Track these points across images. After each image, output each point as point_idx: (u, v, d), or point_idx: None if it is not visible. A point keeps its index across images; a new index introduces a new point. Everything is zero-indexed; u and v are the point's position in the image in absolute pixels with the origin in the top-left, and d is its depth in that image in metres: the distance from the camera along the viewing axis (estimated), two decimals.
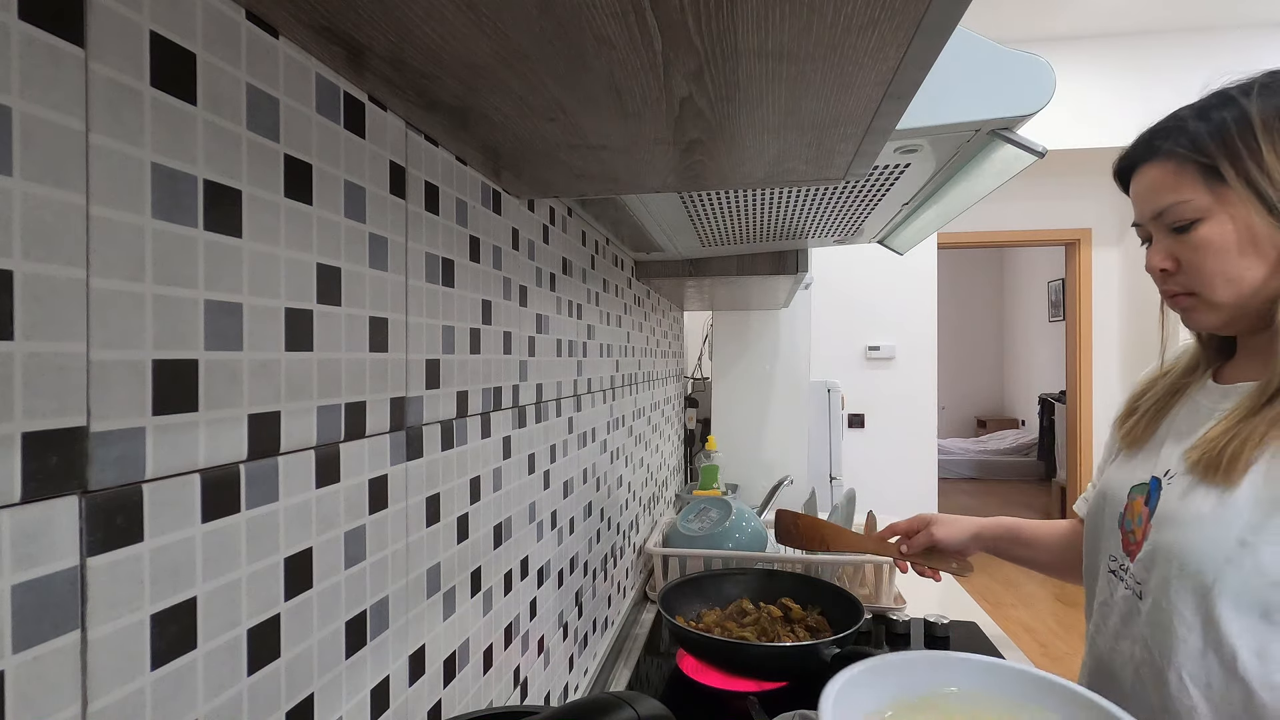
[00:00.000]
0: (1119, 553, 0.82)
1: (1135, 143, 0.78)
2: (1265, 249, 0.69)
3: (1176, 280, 0.75)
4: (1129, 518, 0.81)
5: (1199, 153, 0.70)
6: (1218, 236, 0.70)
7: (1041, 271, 7.07)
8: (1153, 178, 0.75)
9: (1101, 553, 0.86)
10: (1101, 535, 0.86)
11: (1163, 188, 0.73)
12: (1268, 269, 0.69)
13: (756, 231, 1.14)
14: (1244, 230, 0.69)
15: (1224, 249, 0.70)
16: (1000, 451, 7.21)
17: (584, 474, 1.04)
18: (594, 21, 0.35)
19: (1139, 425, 0.84)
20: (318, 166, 0.42)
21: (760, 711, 0.86)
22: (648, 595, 1.49)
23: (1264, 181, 0.67)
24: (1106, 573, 0.84)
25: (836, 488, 2.37)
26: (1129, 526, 0.81)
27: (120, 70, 0.29)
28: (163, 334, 0.31)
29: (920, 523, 1.09)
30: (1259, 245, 0.69)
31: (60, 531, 0.27)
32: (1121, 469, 0.85)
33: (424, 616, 0.55)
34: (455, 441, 0.60)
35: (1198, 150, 0.70)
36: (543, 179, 0.66)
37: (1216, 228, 0.70)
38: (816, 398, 2.35)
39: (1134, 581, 0.78)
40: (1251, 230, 0.69)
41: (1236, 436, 0.69)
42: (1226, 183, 0.69)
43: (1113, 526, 0.84)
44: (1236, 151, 0.68)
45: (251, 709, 0.37)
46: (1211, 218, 0.70)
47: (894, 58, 0.39)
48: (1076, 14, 3.20)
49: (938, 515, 1.09)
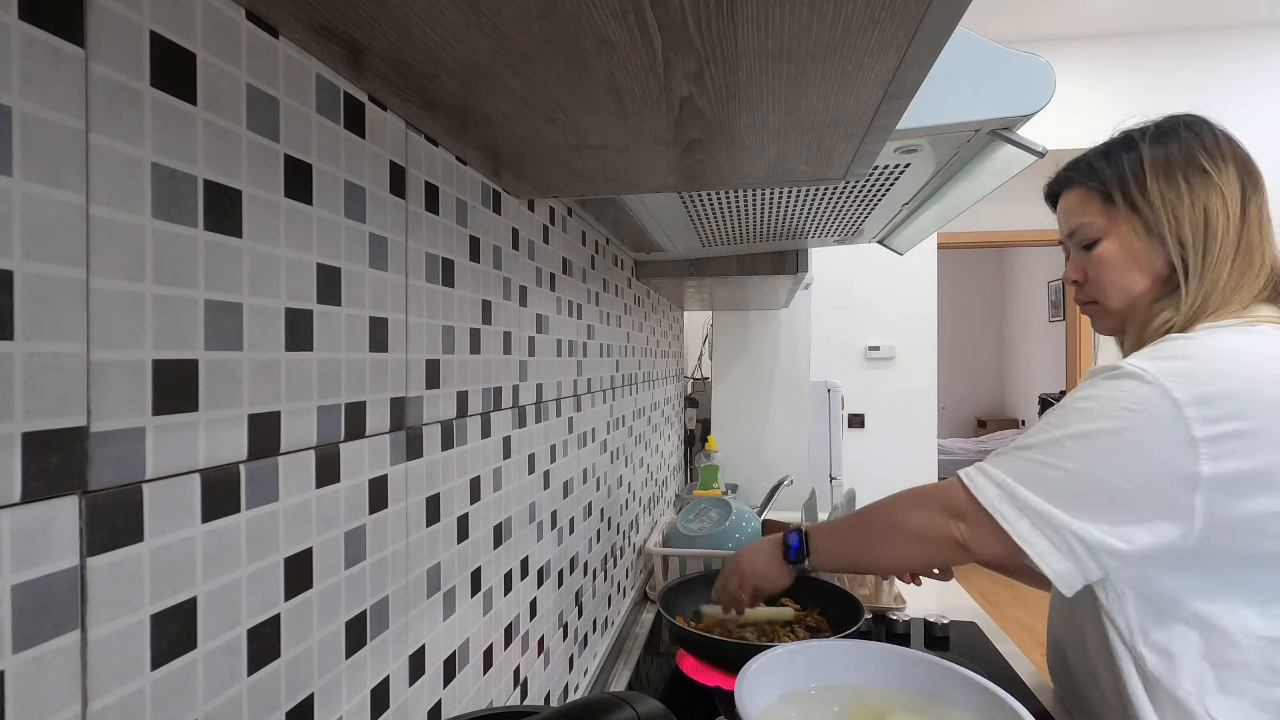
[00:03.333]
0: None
1: (1056, 174, 0.93)
2: (1145, 265, 0.82)
3: (1084, 291, 0.89)
4: None
5: (1099, 182, 0.85)
6: (1109, 253, 0.84)
7: (1041, 271, 7.07)
8: (1067, 203, 0.89)
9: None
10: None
11: (1074, 211, 0.88)
12: (1149, 282, 0.82)
13: (756, 231, 1.14)
14: (1128, 247, 0.83)
15: (1115, 263, 0.84)
16: None
17: (584, 474, 1.04)
18: (594, 22, 0.35)
19: None
20: (318, 166, 0.42)
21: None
22: (648, 595, 1.49)
23: (1145, 206, 0.81)
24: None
25: (836, 488, 2.37)
26: None
27: (120, 70, 0.29)
28: (163, 334, 0.31)
29: None
30: (1140, 261, 0.82)
31: (60, 531, 0.27)
32: None
33: (424, 616, 0.55)
34: (455, 441, 0.60)
35: (1098, 180, 0.85)
36: (543, 179, 0.66)
37: (1110, 245, 0.84)
38: (816, 398, 2.35)
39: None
40: (1134, 247, 0.82)
41: None
42: (1116, 206, 0.83)
43: None
44: (1126, 181, 0.82)
45: (251, 709, 0.37)
46: (1107, 237, 0.84)
47: (894, 58, 0.39)
48: (1076, 14, 3.20)
49: None
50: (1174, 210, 0.79)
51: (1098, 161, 0.86)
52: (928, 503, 0.83)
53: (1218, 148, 0.80)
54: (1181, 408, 0.69)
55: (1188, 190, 0.79)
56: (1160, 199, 0.80)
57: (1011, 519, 0.74)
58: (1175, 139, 0.81)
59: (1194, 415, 0.68)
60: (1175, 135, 0.82)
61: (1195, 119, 0.83)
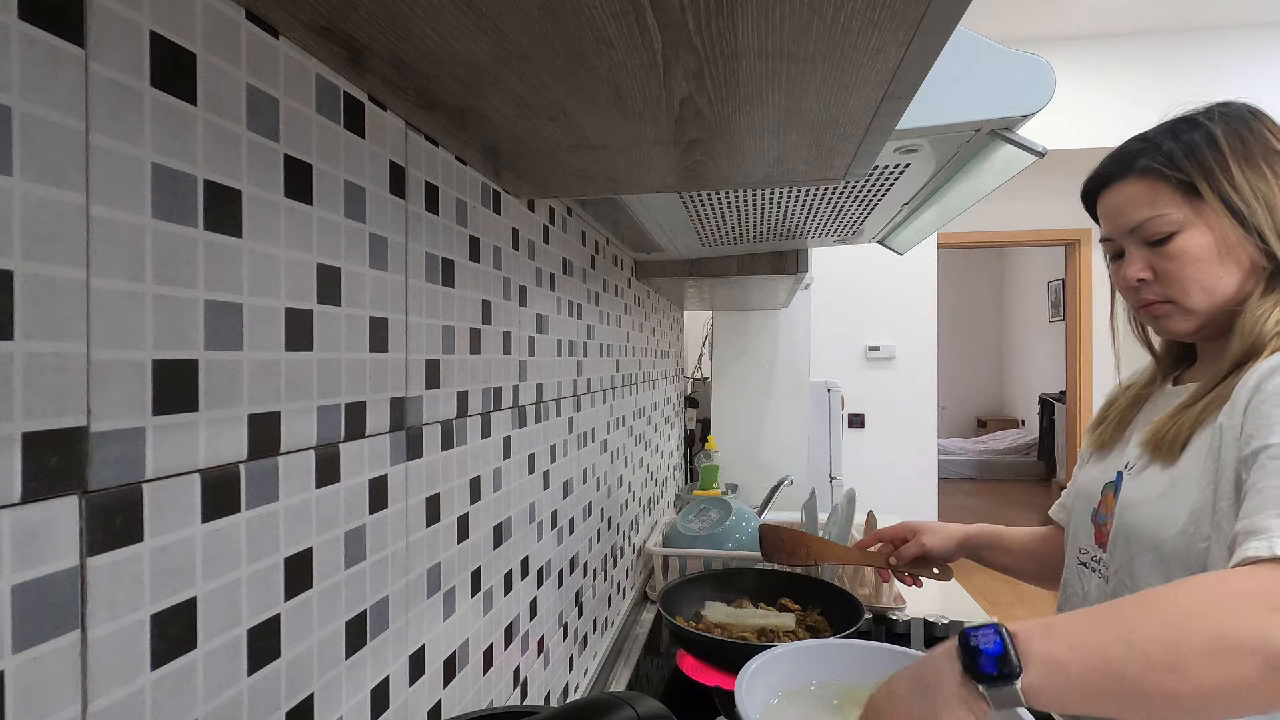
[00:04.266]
0: (1091, 545, 0.86)
1: (1106, 162, 0.83)
2: (1238, 258, 0.74)
3: (1153, 289, 0.79)
4: (1101, 512, 0.86)
5: (1175, 169, 0.75)
6: (1195, 247, 0.75)
7: (1041, 271, 7.07)
8: (1128, 194, 0.79)
9: (1074, 549, 0.90)
10: (1077, 533, 0.90)
11: (1139, 202, 0.78)
12: (1240, 276, 0.74)
13: (756, 231, 1.14)
14: (1220, 241, 0.74)
15: (1201, 258, 0.75)
16: (1000, 452, 7.20)
17: (584, 474, 1.04)
18: (594, 22, 0.35)
19: (1108, 430, 0.90)
20: (318, 166, 0.42)
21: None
22: (648, 595, 1.49)
23: (1235, 196, 0.73)
24: (1078, 565, 0.88)
25: (836, 488, 2.37)
26: (1101, 520, 0.85)
27: (120, 70, 0.29)
28: (163, 334, 0.31)
29: (906, 530, 1.08)
30: (1233, 254, 0.74)
31: (60, 531, 0.27)
32: (1094, 469, 0.90)
33: (424, 616, 0.55)
34: (455, 441, 0.60)
35: (1173, 167, 0.75)
36: (543, 179, 0.66)
37: (1194, 239, 0.75)
38: (816, 398, 2.35)
39: (1104, 569, 0.82)
40: (1226, 241, 0.74)
41: (1179, 420, 0.75)
42: (1202, 197, 0.74)
43: (1086, 523, 0.88)
44: (1209, 168, 0.74)
45: (251, 709, 0.37)
46: (1188, 229, 0.75)
47: (894, 58, 0.39)
48: (1076, 14, 3.20)
49: (924, 524, 1.09)
50: (1266, 200, 0.73)
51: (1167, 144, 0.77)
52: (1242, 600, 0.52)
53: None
54: None
55: (1274, 177, 0.73)
56: (1250, 189, 0.73)
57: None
58: (1245, 125, 0.75)
59: None
60: (1244, 122, 0.76)
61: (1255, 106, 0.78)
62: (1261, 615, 0.50)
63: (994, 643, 0.54)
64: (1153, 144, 0.78)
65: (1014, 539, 1.07)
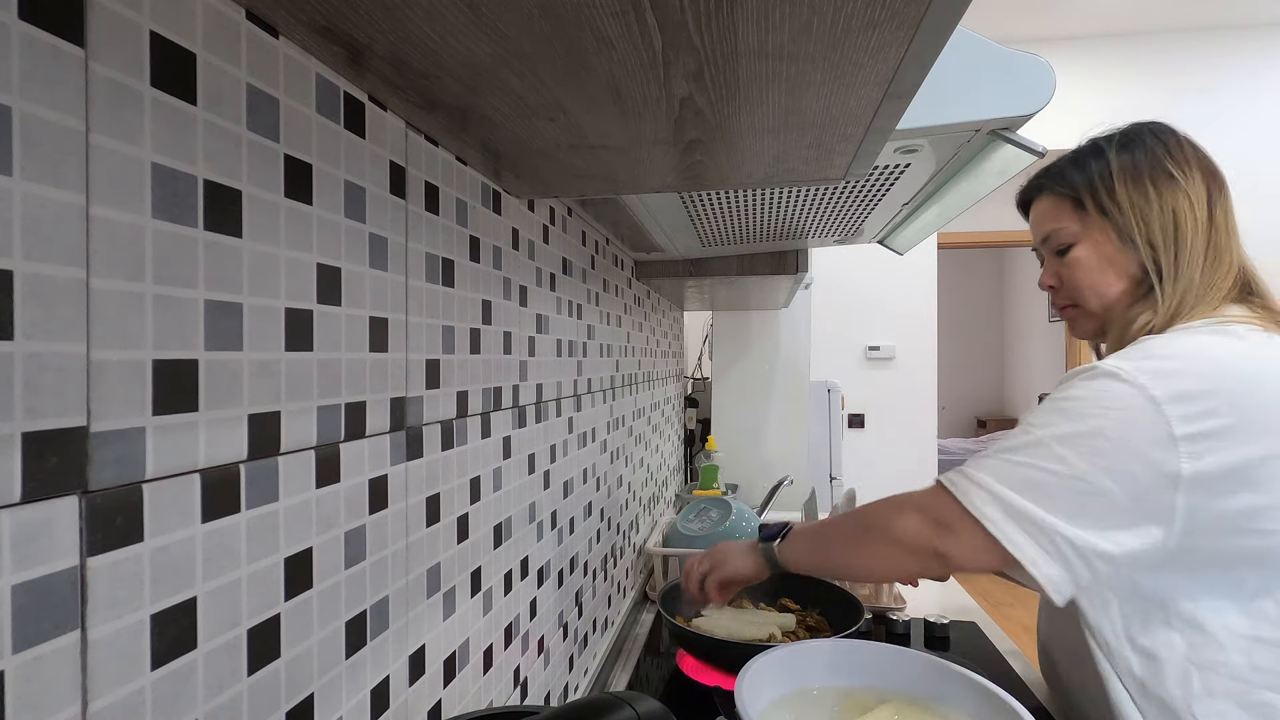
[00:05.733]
0: None
1: (1028, 182, 0.94)
2: (1120, 268, 0.83)
3: (1061, 295, 0.90)
4: None
5: (1070, 188, 0.87)
6: (1084, 257, 0.85)
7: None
8: (1039, 209, 0.91)
9: None
10: None
11: (1046, 217, 0.89)
12: (1125, 284, 0.83)
13: (756, 231, 1.14)
14: (1103, 251, 0.84)
15: (1090, 267, 0.85)
16: None
17: (584, 474, 1.04)
18: (594, 21, 0.35)
19: None
20: (318, 166, 0.42)
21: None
22: (648, 595, 1.49)
23: (1115, 211, 0.83)
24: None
25: (836, 488, 2.37)
26: None
27: (120, 70, 0.29)
28: (163, 334, 0.31)
29: None
30: (1114, 264, 0.84)
31: (60, 531, 0.27)
32: None
33: (424, 616, 0.55)
34: (455, 441, 0.60)
35: (1069, 187, 0.87)
36: (543, 179, 0.66)
37: (1084, 250, 0.85)
38: (816, 398, 2.35)
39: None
40: (1108, 252, 0.84)
41: None
42: (1088, 212, 0.85)
43: None
44: (1095, 187, 0.84)
45: (251, 709, 0.37)
46: (1080, 241, 0.86)
47: (894, 58, 0.39)
48: (1076, 14, 3.20)
49: None
50: (1143, 214, 0.81)
51: (1068, 169, 0.87)
52: (907, 509, 0.79)
53: (1182, 153, 0.82)
54: (1160, 405, 0.69)
55: (1155, 195, 0.81)
56: (1129, 204, 0.82)
57: (1000, 524, 0.72)
58: (1141, 145, 0.83)
59: (1173, 413, 0.68)
60: (1140, 142, 0.84)
61: (1160, 126, 0.85)
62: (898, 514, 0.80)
63: (776, 529, 0.94)
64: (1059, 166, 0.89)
65: None
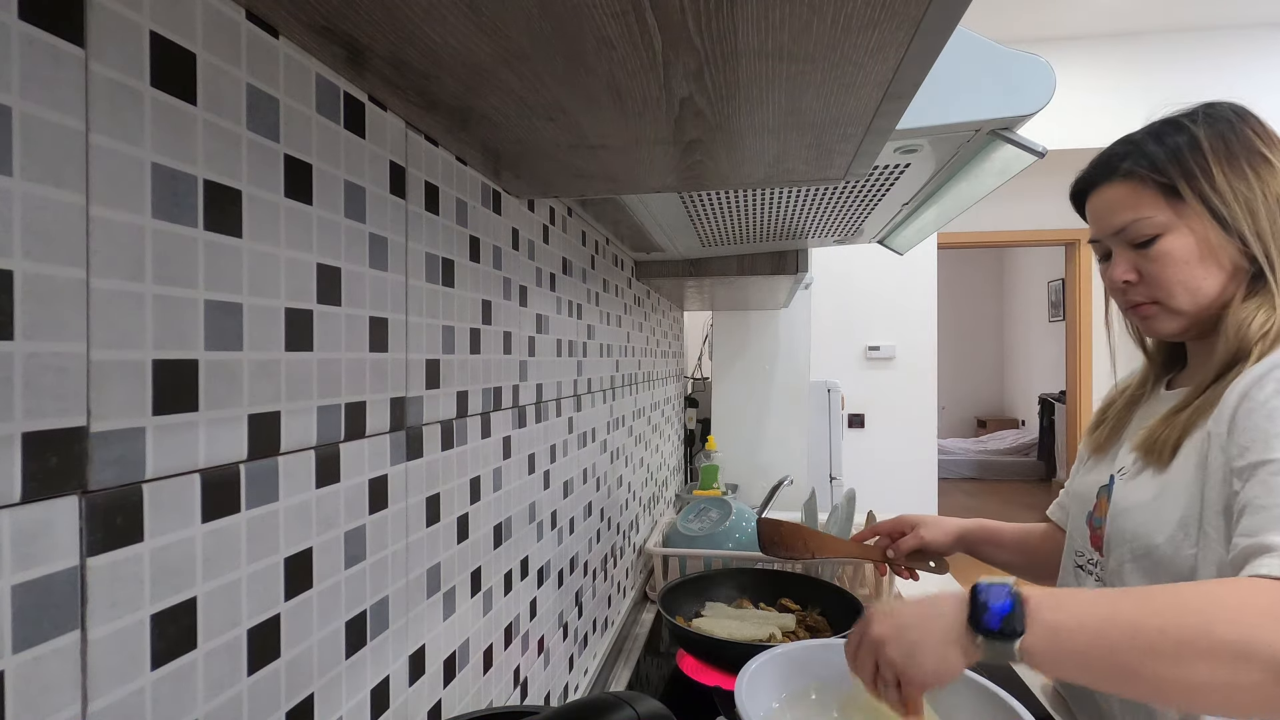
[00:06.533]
0: (1086, 547, 0.87)
1: (1092, 165, 0.83)
2: (1220, 260, 0.75)
3: (1139, 291, 0.80)
4: (1096, 515, 0.86)
5: (1157, 172, 0.76)
6: (1177, 249, 0.76)
7: (1041, 271, 7.07)
8: (1112, 196, 0.80)
9: (1070, 551, 0.91)
10: (1073, 535, 0.91)
11: (1123, 206, 0.79)
12: (1223, 278, 0.75)
13: (756, 231, 1.14)
14: (1201, 243, 0.75)
15: (1183, 260, 0.76)
16: (1000, 451, 7.20)
17: (584, 474, 1.04)
18: (594, 21, 0.35)
19: (1104, 433, 0.90)
20: (318, 166, 0.42)
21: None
22: (648, 595, 1.49)
23: (1216, 199, 0.74)
24: (1074, 568, 0.89)
25: (836, 488, 2.37)
26: (1096, 523, 0.85)
27: (120, 70, 0.29)
28: (163, 334, 0.31)
29: (904, 524, 1.08)
30: (1215, 256, 0.75)
31: (60, 531, 0.27)
32: (1090, 473, 0.91)
33: (424, 616, 0.55)
34: (455, 441, 0.60)
35: (1156, 170, 0.76)
36: (543, 179, 0.66)
37: (1176, 241, 0.76)
38: (816, 398, 2.35)
39: (1099, 572, 0.83)
40: (1208, 243, 0.75)
41: (1170, 425, 0.76)
42: (1184, 200, 0.75)
43: (1081, 526, 0.88)
44: (1191, 171, 0.74)
45: (251, 709, 0.37)
46: (1170, 232, 0.76)
47: (894, 58, 0.39)
48: (1076, 14, 3.20)
49: (922, 517, 1.09)
50: (1248, 202, 0.73)
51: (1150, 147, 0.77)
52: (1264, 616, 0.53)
53: (1269, 135, 0.76)
54: None
55: (1256, 180, 0.73)
56: (1230, 190, 0.73)
57: None
58: (1229, 126, 0.75)
59: None
60: (1228, 122, 0.76)
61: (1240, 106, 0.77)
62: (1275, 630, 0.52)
63: (1003, 602, 0.57)
64: (1136, 147, 0.78)
65: (1008, 534, 1.08)
